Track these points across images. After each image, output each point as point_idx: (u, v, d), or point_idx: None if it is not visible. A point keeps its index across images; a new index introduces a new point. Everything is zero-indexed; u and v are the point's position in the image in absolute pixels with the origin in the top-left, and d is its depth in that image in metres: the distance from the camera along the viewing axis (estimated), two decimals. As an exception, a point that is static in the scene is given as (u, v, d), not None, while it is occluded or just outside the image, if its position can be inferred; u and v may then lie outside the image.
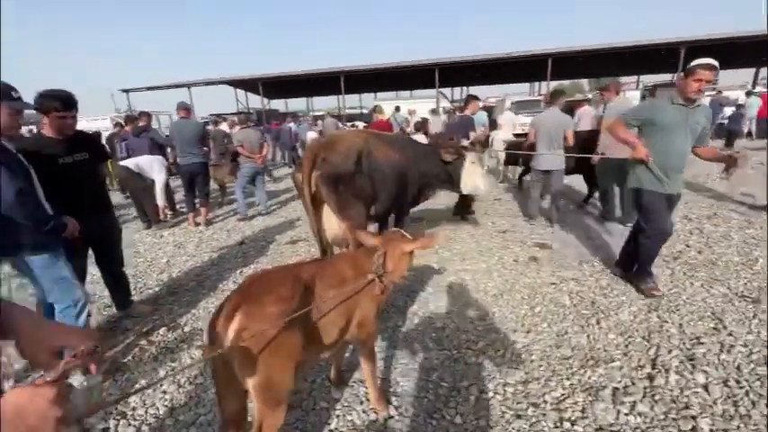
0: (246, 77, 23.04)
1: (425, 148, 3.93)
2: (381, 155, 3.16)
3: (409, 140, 4.09)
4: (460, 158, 3.86)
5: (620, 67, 24.67)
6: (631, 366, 2.28)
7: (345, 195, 2.89)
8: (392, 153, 3.29)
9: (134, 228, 5.80)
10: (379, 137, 3.44)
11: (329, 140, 3.13)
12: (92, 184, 2.80)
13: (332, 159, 2.86)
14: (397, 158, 3.32)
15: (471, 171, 3.85)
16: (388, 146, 3.30)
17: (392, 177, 3.23)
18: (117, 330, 2.97)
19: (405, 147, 3.58)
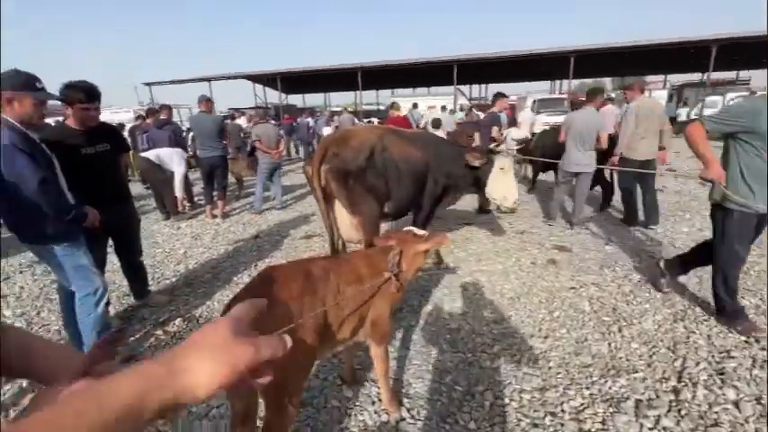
0: (265, 72, 23.24)
1: (452, 149, 3.62)
2: (398, 152, 3.06)
3: (434, 139, 3.77)
4: (488, 164, 3.49)
5: (646, 66, 23.90)
6: (655, 378, 2.18)
7: (356, 191, 2.84)
8: (412, 150, 3.17)
9: (153, 218, 5.91)
10: (399, 133, 3.31)
11: (342, 135, 3.10)
12: (113, 174, 2.84)
13: (342, 154, 2.82)
14: (417, 156, 3.19)
15: (499, 178, 3.50)
16: (407, 143, 3.19)
17: (410, 175, 3.12)
18: (134, 319, 3.02)
19: (427, 145, 3.39)
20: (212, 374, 0.39)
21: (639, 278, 3.39)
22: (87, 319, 2.30)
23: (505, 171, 3.49)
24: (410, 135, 3.45)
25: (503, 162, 3.51)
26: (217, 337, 0.42)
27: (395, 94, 26.37)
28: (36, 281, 3.75)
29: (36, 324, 2.98)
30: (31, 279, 3.79)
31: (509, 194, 3.52)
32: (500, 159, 3.51)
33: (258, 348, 0.42)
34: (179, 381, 0.38)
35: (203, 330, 0.43)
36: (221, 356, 0.40)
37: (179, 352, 0.40)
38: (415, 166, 3.18)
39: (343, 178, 2.80)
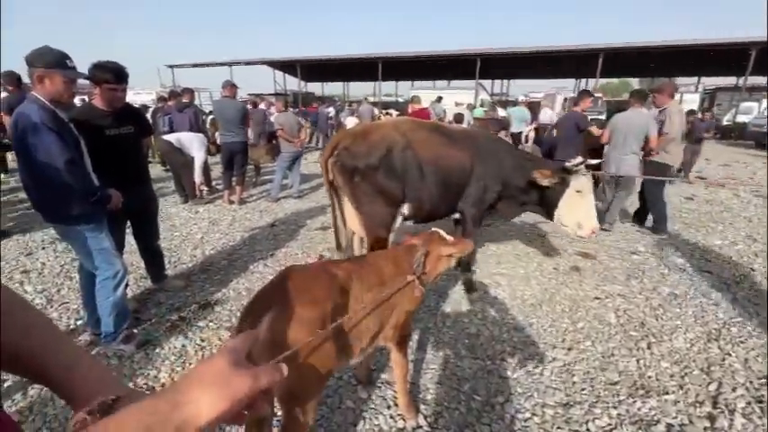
0: (285, 59, 23.20)
1: (512, 157, 3.11)
2: (427, 151, 2.77)
3: (489, 141, 3.18)
4: (562, 184, 2.94)
5: (677, 68, 22.96)
6: (688, 402, 2.06)
7: (362, 188, 2.68)
8: (449, 151, 2.85)
9: (171, 201, 5.95)
10: (439, 131, 2.98)
11: (361, 129, 2.94)
12: (135, 157, 2.82)
13: (353, 149, 2.65)
14: (455, 158, 2.86)
15: (574, 202, 2.93)
16: (445, 142, 2.87)
17: (440, 177, 2.82)
18: (150, 303, 3.03)
19: (477, 147, 2.98)
20: (212, 406, 0.41)
21: (669, 292, 3.23)
22: (106, 302, 2.30)
23: (583, 194, 2.93)
24: (457, 134, 3.06)
25: (580, 183, 2.92)
26: (216, 369, 0.44)
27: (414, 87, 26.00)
28: (57, 258, 3.80)
29: (56, 302, 3.01)
30: (53, 256, 3.84)
31: (586, 222, 2.94)
32: (577, 180, 2.93)
33: (256, 378, 0.45)
34: (181, 414, 0.40)
35: (204, 363, 0.45)
36: (220, 389, 0.42)
37: (181, 386, 0.42)
38: (450, 169, 2.85)
39: (349, 174, 2.66)
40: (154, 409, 0.39)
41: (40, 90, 2.02)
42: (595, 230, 2.97)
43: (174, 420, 0.39)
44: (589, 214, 2.96)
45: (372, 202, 2.70)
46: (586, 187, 2.94)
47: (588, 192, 2.96)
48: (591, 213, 2.97)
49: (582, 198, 2.93)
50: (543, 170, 2.90)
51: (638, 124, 4.30)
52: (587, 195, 2.96)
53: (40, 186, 2.10)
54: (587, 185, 2.95)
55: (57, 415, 1.93)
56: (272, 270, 3.64)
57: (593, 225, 2.95)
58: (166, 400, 0.41)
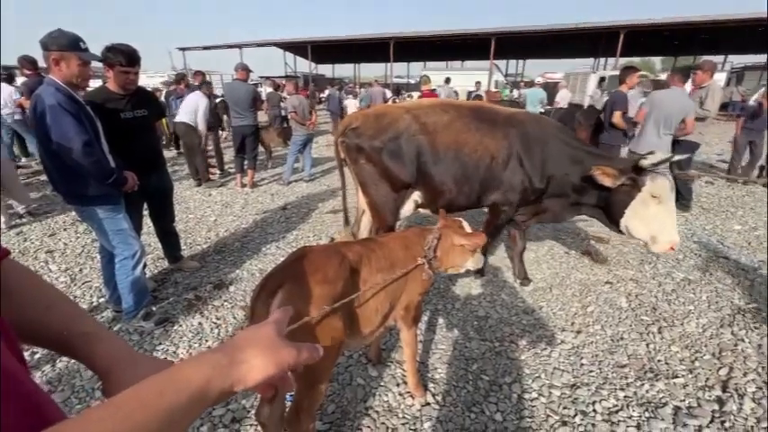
0: (295, 40, 22.90)
1: (569, 149, 2.59)
2: (443, 139, 2.57)
3: (539, 128, 2.66)
4: (632, 187, 2.35)
5: (702, 45, 21.90)
6: (697, 386, 2.06)
7: (366, 170, 2.67)
8: (474, 138, 2.58)
9: (185, 185, 6.05)
10: (471, 115, 2.66)
11: (374, 110, 2.89)
12: (150, 140, 2.87)
13: (360, 130, 2.63)
14: (485, 145, 2.58)
15: (649, 212, 2.34)
16: (471, 128, 2.60)
17: (461, 165, 2.59)
18: (168, 283, 3.13)
19: (521, 134, 2.60)
20: (263, 369, 0.45)
21: (683, 277, 3.19)
22: (125, 281, 2.38)
23: (661, 200, 2.31)
24: (499, 118, 2.67)
25: (658, 187, 2.29)
26: (267, 336, 0.48)
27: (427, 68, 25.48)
28: (78, 238, 3.93)
29: (79, 280, 3.13)
30: (74, 236, 3.98)
31: (662, 234, 2.32)
32: (654, 182, 2.30)
33: (300, 352, 0.49)
34: (237, 371, 0.43)
35: (254, 329, 0.49)
36: (271, 355, 0.46)
37: (237, 344, 0.46)
38: (473, 157, 2.59)
39: (354, 154, 2.67)
40: (216, 363, 0.42)
41: (56, 73, 2.06)
42: (675, 246, 2.36)
43: (232, 376, 0.43)
44: (666, 225, 2.33)
45: (377, 185, 2.69)
46: (665, 192, 2.29)
47: (668, 198, 2.31)
48: (669, 224, 2.34)
49: (659, 205, 2.31)
50: (606, 168, 2.32)
51: (680, 104, 4.10)
52: (667, 202, 2.32)
53: (58, 168, 2.16)
54: (667, 190, 2.29)
55: (83, 385, 2.05)
56: (283, 252, 3.70)
57: (672, 239, 2.33)
58: (226, 354, 0.44)
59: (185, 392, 0.39)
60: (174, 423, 0.38)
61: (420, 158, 2.61)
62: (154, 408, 0.36)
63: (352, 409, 1.92)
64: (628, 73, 5.06)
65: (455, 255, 1.71)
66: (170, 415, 0.37)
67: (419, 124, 2.62)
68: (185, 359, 0.45)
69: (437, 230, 1.71)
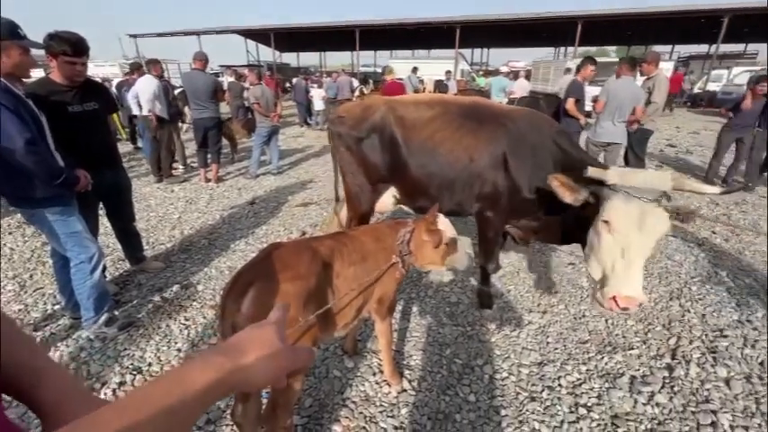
0: (258, 28, 22.05)
1: (563, 155, 2.17)
2: (419, 135, 2.42)
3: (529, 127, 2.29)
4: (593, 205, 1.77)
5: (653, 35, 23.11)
6: (650, 355, 2.24)
7: (347, 159, 2.68)
8: (453, 136, 2.36)
9: (144, 181, 5.75)
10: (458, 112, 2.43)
11: (365, 101, 2.94)
12: (102, 135, 2.68)
13: (344, 118, 2.66)
14: (463, 146, 2.33)
15: (596, 246, 1.74)
16: (454, 126, 2.38)
17: (435, 168, 2.40)
18: (130, 285, 2.98)
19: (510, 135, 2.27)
20: (266, 373, 0.46)
21: (637, 256, 3.41)
22: (83, 286, 2.25)
23: (615, 230, 1.63)
24: (488, 116, 2.38)
25: (610, 210, 1.65)
26: (268, 340, 0.48)
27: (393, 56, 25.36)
28: (27, 242, 3.66)
29: (30, 287, 2.92)
30: (21, 241, 3.69)
31: (609, 280, 1.65)
32: (609, 203, 1.65)
33: (297, 357, 0.50)
34: (241, 375, 0.44)
35: (255, 331, 0.49)
36: (275, 360, 0.47)
37: (241, 347, 0.46)
38: (451, 158, 2.35)
39: (336, 141, 2.70)
40: (220, 366, 0.43)
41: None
42: (621, 303, 1.59)
43: (235, 380, 0.44)
44: (617, 269, 1.62)
45: (354, 175, 2.70)
46: (619, 219, 1.60)
47: (627, 229, 1.59)
48: (621, 267, 1.61)
49: (611, 238, 1.63)
50: (562, 178, 1.79)
51: (631, 93, 4.33)
52: (625, 235, 1.59)
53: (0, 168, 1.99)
54: (622, 217, 1.59)
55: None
56: (253, 248, 3.62)
57: (618, 290, 1.59)
58: (229, 358, 0.44)
59: (190, 394, 0.40)
60: (179, 423, 0.39)
61: (394, 153, 2.50)
62: (160, 408, 0.37)
63: (330, 401, 1.93)
64: (585, 64, 5.30)
65: (429, 251, 1.69)
66: (175, 416, 0.38)
67: (395, 117, 2.50)
68: (191, 360, 0.43)
69: (410, 224, 1.72)
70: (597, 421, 1.82)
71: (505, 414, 1.86)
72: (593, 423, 1.81)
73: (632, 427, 1.79)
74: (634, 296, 1.58)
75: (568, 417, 1.85)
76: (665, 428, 1.78)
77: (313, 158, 7.34)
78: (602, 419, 1.83)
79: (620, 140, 4.53)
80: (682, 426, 1.80)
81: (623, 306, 1.59)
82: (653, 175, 1.70)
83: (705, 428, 1.78)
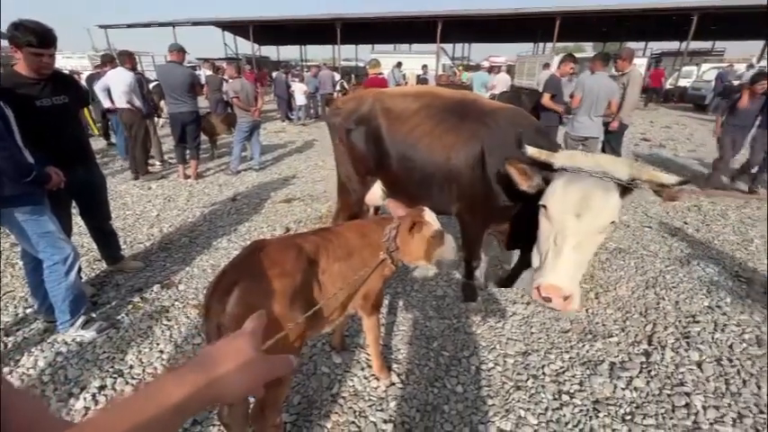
0: (236, 20, 21.49)
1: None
2: (399, 129, 2.33)
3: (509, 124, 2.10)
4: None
5: (627, 32, 23.72)
6: (628, 342, 2.32)
7: (339, 149, 2.69)
8: (433, 132, 2.24)
9: (120, 178, 5.55)
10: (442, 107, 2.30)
11: (360, 93, 2.90)
12: (73, 130, 2.57)
13: (339, 110, 2.65)
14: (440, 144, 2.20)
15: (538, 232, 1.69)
16: (434, 121, 2.27)
17: (414, 164, 2.29)
18: (108, 286, 2.88)
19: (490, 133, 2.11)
20: (240, 386, 0.46)
21: (615, 246, 3.53)
22: (58, 288, 2.16)
23: (550, 215, 1.57)
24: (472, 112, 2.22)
25: (548, 193, 1.59)
26: (243, 352, 0.47)
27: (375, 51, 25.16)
28: None
29: (-2, 291, 2.79)
30: (-13, 242, 3.51)
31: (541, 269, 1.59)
32: (551, 186, 1.59)
33: (274, 368, 0.50)
34: (216, 388, 0.44)
35: (230, 343, 0.49)
36: (250, 372, 0.47)
37: (215, 360, 0.46)
38: (429, 153, 2.22)
39: (332, 132, 2.71)
40: (194, 382, 0.43)
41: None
42: (543, 291, 1.50)
43: (211, 394, 0.44)
44: (548, 258, 1.54)
45: (344, 166, 2.70)
46: (558, 203, 1.52)
47: (561, 214, 1.50)
48: (551, 257, 1.53)
49: (547, 223, 1.57)
50: (517, 162, 1.70)
51: (606, 88, 4.42)
52: (559, 221, 1.51)
53: None
54: (561, 200, 1.50)
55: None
56: (236, 245, 3.55)
57: (542, 279, 1.52)
58: (204, 372, 0.44)
59: (165, 410, 0.40)
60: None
61: (378, 145, 2.45)
62: (134, 425, 0.38)
63: (318, 397, 1.93)
64: (565, 60, 5.41)
65: (415, 246, 1.68)
66: (150, 430, 0.39)
67: (381, 109, 2.43)
68: (166, 374, 0.44)
69: (396, 220, 1.72)
70: (579, 407, 1.88)
71: (492, 403, 1.90)
72: (576, 409, 1.87)
73: (612, 412, 1.86)
74: (557, 285, 1.44)
75: (552, 404, 1.90)
76: (643, 411, 1.86)
77: (296, 154, 7.24)
78: (584, 405, 1.89)
79: (597, 135, 4.64)
80: (658, 408, 1.88)
81: (544, 296, 1.48)
82: (608, 159, 1.56)
83: (680, 410, 1.87)
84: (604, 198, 1.46)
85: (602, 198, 1.46)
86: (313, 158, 6.88)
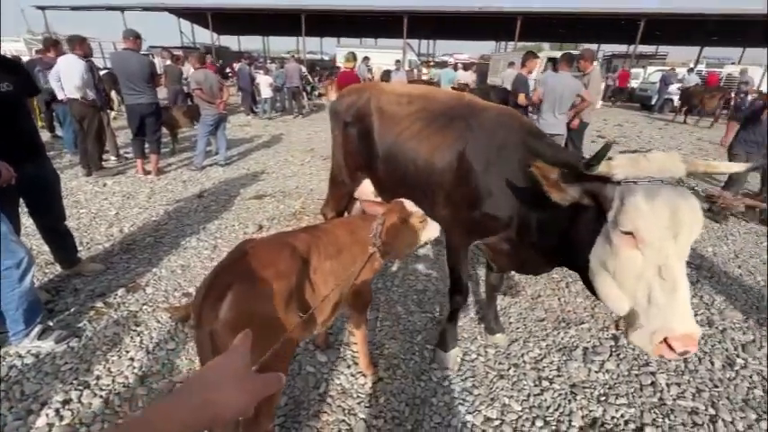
0: (193, 6, 20.38)
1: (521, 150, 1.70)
2: (389, 129, 2.20)
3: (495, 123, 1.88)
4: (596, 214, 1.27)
5: (581, 34, 25.05)
6: (598, 328, 2.47)
7: (335, 140, 2.60)
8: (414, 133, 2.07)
9: (70, 174, 5.11)
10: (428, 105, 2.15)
11: (361, 86, 2.76)
12: (20, 121, 2.33)
13: (342, 100, 2.52)
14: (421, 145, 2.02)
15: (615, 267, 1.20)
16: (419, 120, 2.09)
17: (397, 166, 2.15)
18: (65, 291, 2.66)
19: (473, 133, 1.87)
20: (235, 407, 0.46)
21: (581, 238, 3.72)
22: (11, 295, 1.95)
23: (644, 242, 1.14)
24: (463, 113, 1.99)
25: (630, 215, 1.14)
26: (235, 371, 0.48)
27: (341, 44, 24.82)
28: None
29: (-67, 301, 2.49)
30: None
31: (651, 316, 1.14)
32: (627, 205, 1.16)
33: (266, 386, 0.50)
34: (212, 411, 0.44)
35: (221, 364, 0.49)
36: (242, 392, 0.47)
37: (207, 383, 0.46)
38: (411, 157, 2.06)
39: (332, 122, 2.60)
40: (189, 405, 0.44)
41: None
42: (679, 346, 1.10)
43: (206, 416, 0.44)
44: (658, 300, 1.14)
45: (335, 156, 2.62)
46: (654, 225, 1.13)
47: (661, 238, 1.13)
48: (662, 297, 1.13)
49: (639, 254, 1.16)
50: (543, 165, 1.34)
51: (570, 86, 4.59)
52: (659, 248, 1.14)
53: None
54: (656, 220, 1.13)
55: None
56: (206, 244, 3.40)
57: (671, 330, 1.10)
58: (198, 396, 0.44)
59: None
60: None
61: (368, 146, 2.31)
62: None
63: (305, 397, 1.89)
64: (528, 58, 5.61)
65: (403, 234, 1.70)
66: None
67: (376, 108, 2.27)
68: (162, 401, 0.44)
69: (381, 216, 1.72)
70: (558, 391, 1.98)
71: (478, 393, 1.95)
72: (556, 393, 1.97)
73: (588, 394, 1.97)
74: (693, 332, 1.10)
75: (533, 390, 1.99)
76: (616, 392, 1.98)
77: (263, 149, 7.01)
78: (562, 389, 1.99)
79: (561, 132, 4.85)
80: (628, 388, 2.01)
81: (681, 351, 1.11)
82: (662, 156, 1.22)
83: (647, 388, 2.01)
84: (692, 207, 1.14)
85: (690, 208, 1.13)
86: (282, 153, 6.70)
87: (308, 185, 5.02)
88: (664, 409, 1.89)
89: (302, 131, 8.72)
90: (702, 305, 2.73)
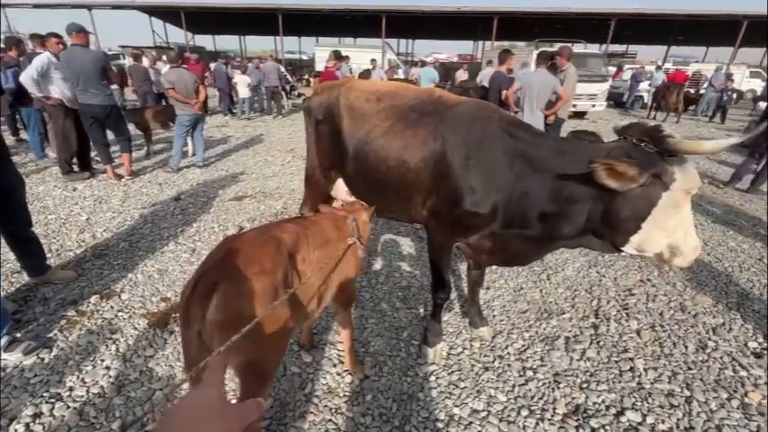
0: (165, 4, 19.80)
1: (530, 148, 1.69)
2: (358, 126, 2.13)
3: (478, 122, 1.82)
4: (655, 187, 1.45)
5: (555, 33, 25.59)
6: (578, 317, 2.53)
7: (309, 139, 2.54)
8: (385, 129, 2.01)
9: (36, 179, 4.88)
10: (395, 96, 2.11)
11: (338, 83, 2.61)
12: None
13: (316, 97, 2.46)
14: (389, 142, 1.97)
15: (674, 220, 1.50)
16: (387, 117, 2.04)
17: (368, 167, 2.07)
18: (34, 301, 2.53)
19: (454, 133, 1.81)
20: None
21: (560, 231, 3.81)
22: (-28, 307, 1.85)
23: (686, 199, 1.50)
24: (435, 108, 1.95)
25: (692, 178, 1.46)
26: (210, 405, 0.45)
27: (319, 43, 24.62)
28: None
29: None
30: None
31: (687, 241, 1.53)
32: (687, 173, 1.45)
33: (247, 413, 0.48)
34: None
35: (194, 398, 0.46)
36: (224, 425, 0.44)
37: (182, 424, 0.42)
38: (381, 156, 2.00)
39: (306, 118, 2.55)
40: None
41: None
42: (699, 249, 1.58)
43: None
44: (689, 227, 1.55)
45: (310, 155, 2.58)
46: (697, 182, 1.51)
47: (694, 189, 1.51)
48: (689, 223, 1.55)
49: (685, 203, 1.51)
50: (616, 162, 1.39)
51: (547, 83, 4.69)
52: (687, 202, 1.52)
53: None
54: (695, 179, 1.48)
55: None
56: (185, 248, 3.30)
57: (696, 242, 1.55)
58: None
59: None
60: None
61: (338, 144, 2.25)
62: None
63: (291, 398, 1.86)
64: (506, 56, 5.70)
65: (366, 232, 1.86)
66: None
67: (345, 106, 2.20)
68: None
69: (350, 216, 1.77)
70: (542, 381, 2.02)
71: (464, 386, 1.97)
72: (540, 383, 2.00)
73: (571, 382, 2.01)
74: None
75: (518, 380, 2.01)
76: (597, 379, 2.03)
77: (242, 149, 6.88)
78: (546, 378, 2.03)
79: (539, 127, 4.97)
80: (608, 374, 2.07)
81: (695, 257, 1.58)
82: None
83: (626, 373, 2.07)
84: None
85: None
86: (261, 154, 6.59)
87: (288, 185, 4.95)
88: (642, 393, 1.95)
89: (282, 131, 8.61)
90: (675, 291, 2.83)
